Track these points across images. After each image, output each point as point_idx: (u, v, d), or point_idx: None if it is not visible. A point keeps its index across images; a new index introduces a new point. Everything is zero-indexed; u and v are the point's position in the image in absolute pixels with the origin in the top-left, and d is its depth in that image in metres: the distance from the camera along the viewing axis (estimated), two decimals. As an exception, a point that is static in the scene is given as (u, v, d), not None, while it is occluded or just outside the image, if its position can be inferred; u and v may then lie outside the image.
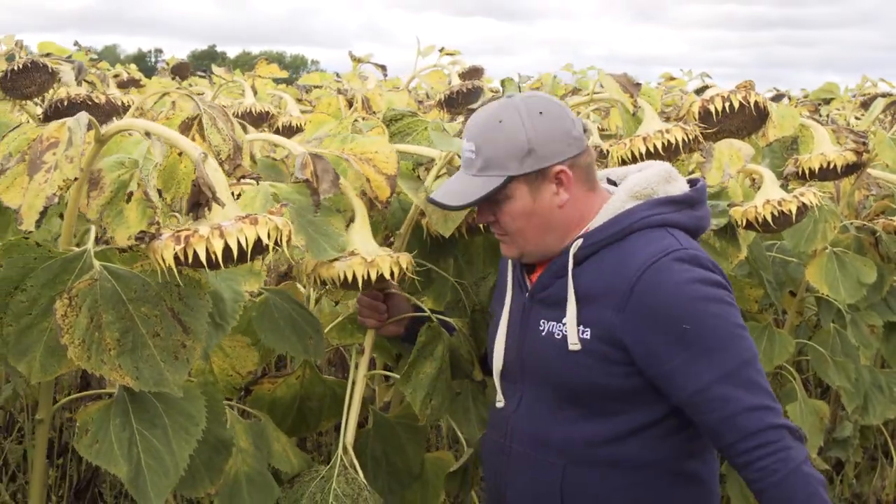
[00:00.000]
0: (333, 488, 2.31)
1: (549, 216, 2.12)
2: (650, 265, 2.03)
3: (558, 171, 2.09)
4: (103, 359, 1.84)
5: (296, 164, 2.16)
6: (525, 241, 2.15)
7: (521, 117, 2.08)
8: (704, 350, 2.00)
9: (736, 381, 2.00)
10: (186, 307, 1.91)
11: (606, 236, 2.10)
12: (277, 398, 2.58)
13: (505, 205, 2.11)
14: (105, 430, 1.92)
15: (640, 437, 2.09)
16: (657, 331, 2.01)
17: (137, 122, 1.89)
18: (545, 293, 2.16)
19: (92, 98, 3.17)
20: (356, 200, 2.26)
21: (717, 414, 2.00)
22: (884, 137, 3.13)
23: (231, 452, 2.14)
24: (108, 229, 1.86)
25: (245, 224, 1.75)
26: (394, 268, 2.20)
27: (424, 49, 4.04)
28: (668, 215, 2.12)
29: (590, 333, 2.06)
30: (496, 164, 2.09)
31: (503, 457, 2.22)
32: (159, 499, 1.91)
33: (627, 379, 2.06)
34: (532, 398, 2.18)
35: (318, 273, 2.21)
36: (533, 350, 2.17)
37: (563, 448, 2.12)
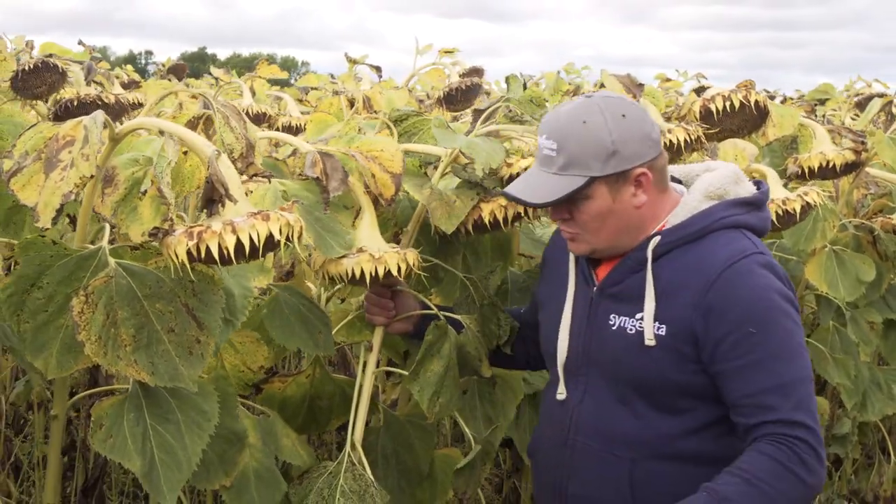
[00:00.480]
0: (340, 484, 2.33)
1: (627, 217, 2.15)
2: (731, 265, 2.08)
3: (639, 173, 2.12)
4: (119, 354, 1.87)
5: (305, 162, 2.18)
6: (598, 240, 2.17)
7: (604, 118, 2.10)
8: (765, 358, 2.04)
9: (785, 395, 2.03)
10: (201, 303, 1.94)
11: (685, 235, 2.14)
12: (288, 397, 2.60)
13: (583, 204, 2.13)
14: (119, 425, 1.95)
15: (706, 433, 2.13)
16: (726, 328, 2.05)
17: (151, 120, 1.93)
18: (617, 288, 2.19)
19: (102, 98, 3.19)
20: (364, 198, 2.28)
21: (757, 419, 2.03)
22: (883, 137, 3.16)
23: (245, 445, 2.18)
24: (123, 226, 1.90)
25: (257, 220, 1.77)
26: (401, 264, 2.21)
27: (423, 48, 4.07)
28: (741, 217, 2.17)
29: (665, 330, 2.09)
30: (579, 163, 2.10)
31: (565, 450, 2.24)
32: (172, 493, 1.94)
33: (695, 376, 2.10)
34: (598, 391, 2.20)
35: (327, 269, 2.23)
36: (601, 344, 2.19)
37: (632, 442, 2.15)
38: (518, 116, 2.48)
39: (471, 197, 2.38)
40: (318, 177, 2.16)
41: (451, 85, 3.88)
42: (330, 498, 2.32)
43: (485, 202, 2.37)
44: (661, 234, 2.15)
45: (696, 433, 2.13)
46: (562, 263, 2.32)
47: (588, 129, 2.10)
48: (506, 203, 2.36)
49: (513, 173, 2.34)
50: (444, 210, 2.34)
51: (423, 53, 4.07)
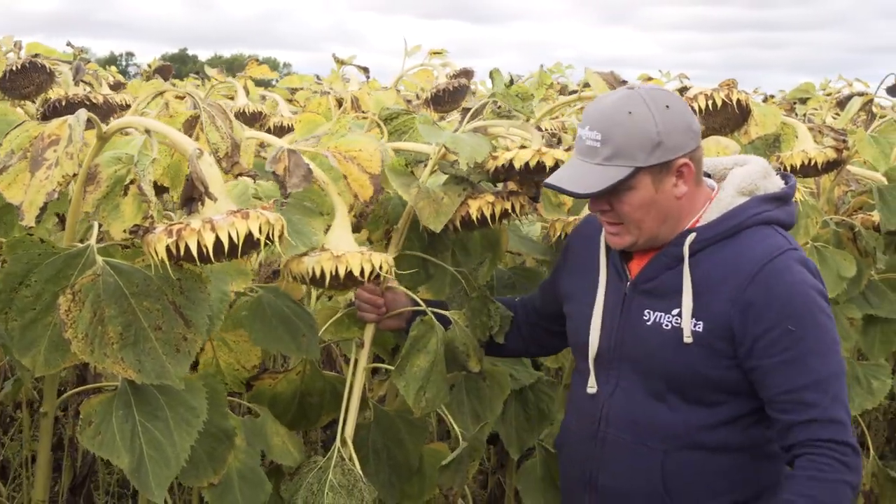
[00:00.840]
0: (330, 479, 2.34)
1: (668, 207, 2.17)
2: (769, 262, 2.11)
3: (682, 164, 2.15)
4: (106, 352, 1.88)
5: (269, 157, 2.12)
6: (640, 232, 2.19)
7: (649, 110, 2.12)
8: (804, 354, 2.09)
9: (825, 390, 2.08)
10: (188, 300, 1.95)
11: (721, 231, 2.17)
12: (278, 393, 2.61)
13: (626, 195, 2.14)
14: (108, 422, 1.96)
15: (737, 424, 2.18)
16: (766, 325, 2.09)
17: (138, 119, 1.95)
18: (651, 284, 2.21)
19: (90, 98, 3.21)
20: (337, 199, 2.26)
21: (796, 416, 2.08)
22: (864, 135, 3.19)
23: (234, 443, 2.19)
24: (105, 223, 1.91)
25: (236, 218, 1.78)
26: (364, 265, 2.17)
27: (411, 49, 4.09)
28: (773, 212, 2.21)
29: (702, 326, 2.13)
30: (624, 154, 2.11)
31: (595, 443, 2.27)
32: (160, 489, 1.95)
33: (729, 371, 2.14)
34: (630, 385, 2.23)
35: (290, 269, 2.22)
36: (636, 339, 2.22)
37: (665, 434, 2.19)
38: (504, 112, 2.50)
39: (458, 193, 2.38)
40: (276, 172, 2.09)
41: (439, 86, 3.90)
42: (319, 493, 2.34)
43: (472, 199, 2.38)
44: (697, 230, 2.18)
45: (725, 424, 2.17)
46: (588, 255, 2.35)
47: (633, 120, 2.12)
48: (493, 199, 2.37)
49: (498, 165, 2.35)
50: (432, 209, 2.34)
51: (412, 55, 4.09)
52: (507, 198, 2.39)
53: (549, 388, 2.94)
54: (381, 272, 2.21)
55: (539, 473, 2.97)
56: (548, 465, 2.98)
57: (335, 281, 2.17)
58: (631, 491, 2.23)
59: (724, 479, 2.19)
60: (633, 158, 2.11)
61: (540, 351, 2.64)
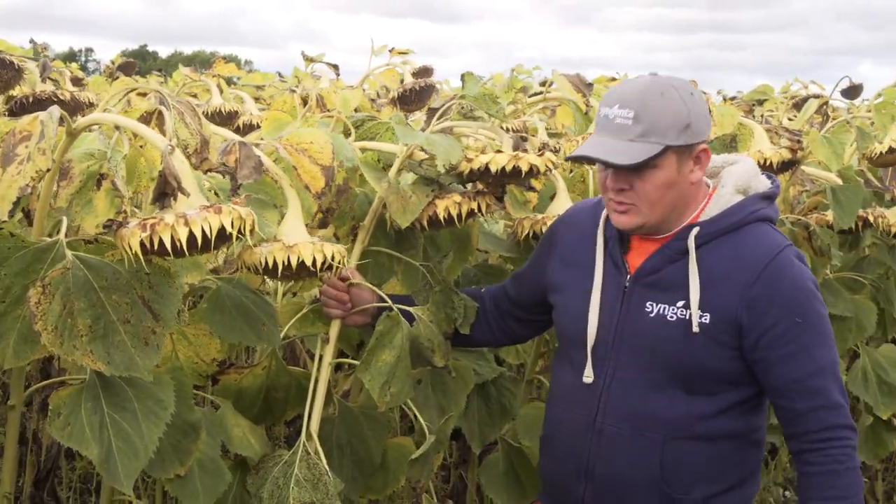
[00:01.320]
0: (295, 473, 2.37)
1: (683, 192, 2.24)
2: (773, 259, 2.21)
3: (702, 149, 2.24)
4: (75, 344, 1.90)
5: (220, 150, 2.11)
6: (653, 213, 2.24)
7: (678, 93, 2.20)
8: (809, 344, 2.20)
9: (827, 378, 2.20)
10: (156, 295, 1.98)
11: (724, 227, 2.25)
12: (244, 388, 2.63)
13: (651, 173, 2.20)
14: (77, 414, 1.98)
15: (733, 412, 2.26)
16: (773, 319, 2.19)
17: (107, 116, 1.97)
18: (654, 276, 2.27)
19: (57, 95, 3.22)
20: (289, 191, 2.26)
21: (805, 404, 2.20)
22: (817, 136, 3.27)
23: (199, 435, 2.21)
24: (77, 218, 1.93)
25: (209, 213, 1.81)
26: (316, 255, 2.18)
27: (378, 48, 4.12)
28: (766, 210, 2.30)
29: (708, 318, 2.20)
30: (657, 131, 2.17)
31: (591, 433, 2.31)
32: (129, 479, 1.98)
33: (731, 362, 2.22)
34: (628, 376, 2.29)
35: (243, 259, 2.23)
36: (637, 330, 2.27)
37: (664, 425, 2.25)
38: (471, 113, 2.54)
39: (426, 193, 2.42)
40: (227, 164, 2.09)
41: (406, 85, 3.93)
42: (284, 487, 2.36)
43: (440, 199, 2.42)
44: (700, 224, 2.25)
45: (723, 413, 2.26)
46: (582, 247, 2.39)
47: (666, 100, 2.19)
48: (460, 200, 2.41)
49: (473, 168, 2.39)
50: (400, 204, 2.38)
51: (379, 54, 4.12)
52: (473, 198, 2.44)
53: (511, 383, 2.98)
54: (334, 262, 2.22)
55: (501, 468, 3.01)
56: (510, 459, 3.02)
57: (287, 271, 2.18)
58: (629, 480, 2.28)
59: (717, 466, 2.28)
60: (664, 136, 2.18)
61: (507, 340, 2.68)
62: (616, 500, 2.31)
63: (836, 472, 2.20)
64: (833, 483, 2.20)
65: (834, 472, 2.20)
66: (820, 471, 2.21)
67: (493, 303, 2.60)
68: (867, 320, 3.71)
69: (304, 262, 2.17)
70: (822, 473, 2.20)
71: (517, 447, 3.04)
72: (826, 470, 2.20)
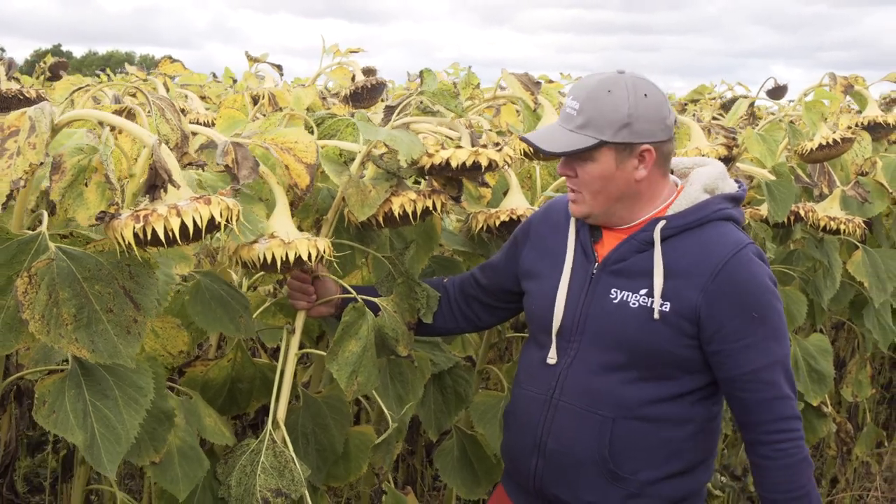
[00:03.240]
0: (262, 461, 2.45)
1: (625, 187, 2.36)
2: (734, 254, 2.32)
3: (644, 149, 2.34)
4: (61, 332, 1.95)
5: (217, 151, 2.22)
6: (595, 203, 2.38)
7: (627, 93, 2.31)
8: (766, 338, 2.32)
9: (780, 370, 2.34)
10: (137, 285, 2.04)
11: (689, 222, 2.37)
12: (209, 380, 2.70)
13: (588, 165, 2.34)
14: (61, 402, 2.04)
15: (684, 399, 2.38)
16: (734, 312, 2.30)
17: (91, 112, 2.02)
18: (620, 265, 2.39)
19: (24, 93, 3.24)
20: (277, 188, 2.36)
21: (758, 395, 2.33)
22: (752, 133, 3.43)
23: (174, 423, 2.27)
24: (70, 210, 1.98)
25: (200, 204, 1.90)
26: (311, 250, 2.29)
27: (330, 47, 4.17)
28: (732, 210, 2.43)
29: (669, 307, 2.31)
30: (594, 126, 2.31)
31: (548, 409, 2.44)
32: (112, 464, 2.04)
33: (688, 350, 2.34)
34: (588, 357, 2.40)
35: (239, 255, 2.31)
36: (601, 315, 2.39)
37: (616, 404, 2.36)
38: (430, 108, 2.63)
39: (385, 189, 2.49)
40: (228, 165, 2.20)
41: (358, 84, 4.00)
42: (251, 474, 2.44)
43: (395, 196, 2.48)
44: (667, 218, 2.37)
45: (675, 398, 2.37)
46: (555, 238, 2.52)
47: (611, 98, 2.31)
48: (415, 197, 2.48)
49: (434, 163, 2.46)
50: (359, 198, 2.45)
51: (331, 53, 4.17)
52: (429, 196, 2.51)
53: (466, 372, 3.07)
54: (325, 256, 2.32)
55: (456, 454, 3.11)
56: (463, 446, 3.12)
57: (285, 266, 2.27)
58: (577, 455, 2.39)
59: (664, 450, 2.39)
60: (600, 131, 2.31)
61: (470, 327, 2.78)
62: (564, 475, 2.42)
63: (789, 466, 2.34)
64: (789, 477, 2.34)
65: (787, 465, 2.34)
66: (774, 465, 2.35)
67: (458, 290, 2.71)
68: (798, 311, 3.88)
69: (301, 257, 2.26)
70: (777, 468, 2.35)
71: (470, 434, 3.14)
72: (780, 465, 2.34)
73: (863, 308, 4.45)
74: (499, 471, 3.09)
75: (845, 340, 5.51)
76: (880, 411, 5.98)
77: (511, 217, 2.79)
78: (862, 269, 4.16)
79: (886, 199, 4.33)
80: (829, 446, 4.79)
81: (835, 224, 3.72)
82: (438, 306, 2.68)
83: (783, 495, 2.35)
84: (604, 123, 2.31)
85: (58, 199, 1.96)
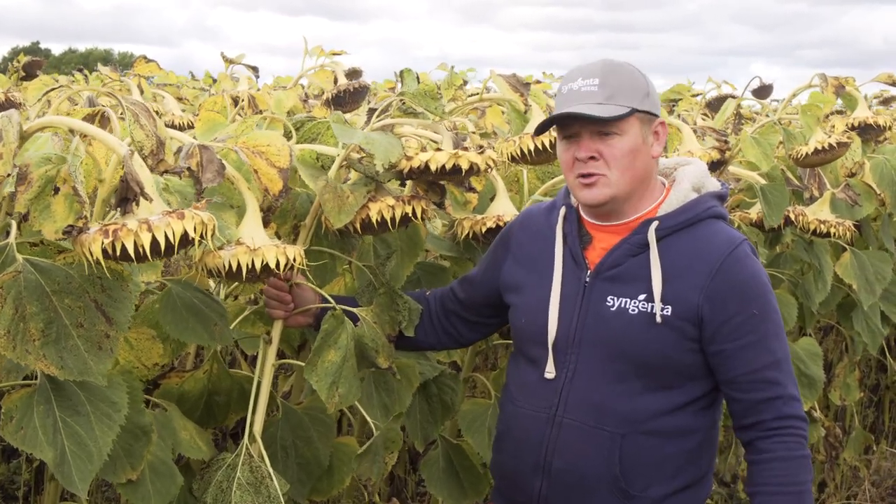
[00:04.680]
0: (237, 476, 2.35)
1: (647, 163, 2.32)
2: (731, 252, 2.27)
3: (660, 121, 2.33)
4: (28, 349, 1.88)
5: (181, 153, 2.12)
6: (622, 182, 2.29)
7: (634, 68, 2.31)
8: (765, 337, 2.26)
9: (781, 369, 2.27)
10: (110, 298, 1.96)
11: (681, 221, 2.31)
12: (185, 392, 2.60)
13: (615, 140, 2.27)
14: (29, 417, 1.96)
15: (690, 408, 2.31)
16: (732, 310, 2.24)
17: (61, 119, 1.95)
18: (615, 271, 2.31)
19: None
20: (247, 193, 2.26)
21: (760, 394, 2.26)
22: (747, 136, 3.38)
23: (151, 439, 2.19)
24: (36, 223, 1.91)
25: (172, 218, 1.81)
26: (280, 257, 2.18)
27: (313, 49, 4.10)
28: (719, 208, 2.38)
29: (670, 310, 2.25)
30: (623, 95, 2.26)
31: (551, 427, 2.34)
32: (84, 483, 1.96)
33: (691, 354, 2.27)
34: (589, 370, 2.31)
35: (205, 262, 2.21)
36: (599, 325, 2.31)
37: (624, 419, 2.28)
38: (412, 109, 2.55)
39: (363, 193, 2.40)
40: (191, 168, 2.10)
41: (340, 86, 3.92)
42: (227, 490, 2.34)
43: (373, 202, 2.39)
44: (660, 219, 2.31)
45: (681, 408, 2.30)
46: (538, 247, 2.44)
47: (626, 70, 2.31)
48: (393, 203, 2.39)
49: (413, 167, 2.38)
50: (336, 204, 2.35)
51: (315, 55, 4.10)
52: (408, 202, 2.42)
53: (452, 380, 3.00)
54: (295, 264, 2.22)
55: (442, 464, 3.02)
56: (449, 456, 3.05)
57: (251, 274, 2.17)
58: (586, 474, 2.30)
59: (673, 464, 2.31)
60: (630, 99, 2.27)
61: (452, 343, 2.69)
62: (573, 494, 2.33)
63: (786, 459, 2.25)
64: (784, 469, 2.26)
65: (784, 458, 2.25)
66: (770, 457, 2.26)
67: (438, 305, 2.62)
68: (788, 314, 3.81)
69: (269, 264, 2.17)
70: (772, 460, 2.26)
71: (456, 444, 3.07)
72: (776, 456, 2.25)
73: (851, 311, 4.41)
74: (485, 482, 3.02)
75: (833, 343, 5.46)
76: (867, 414, 5.94)
77: (498, 223, 2.71)
78: (850, 271, 4.12)
79: (875, 200, 4.29)
80: (818, 451, 4.74)
81: (825, 227, 3.68)
82: (420, 320, 2.59)
83: (775, 487, 2.26)
84: (630, 92, 2.28)
85: (23, 210, 1.87)
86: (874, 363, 5.85)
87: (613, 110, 2.25)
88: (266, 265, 2.17)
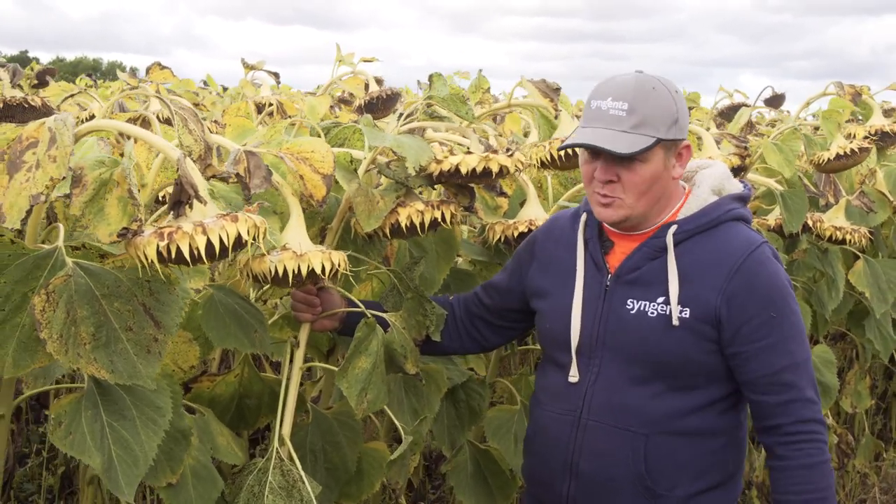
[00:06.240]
0: (269, 481, 2.36)
1: (666, 186, 2.32)
2: (750, 253, 2.28)
3: (685, 145, 2.31)
4: (79, 352, 1.88)
5: (229, 159, 2.13)
6: (637, 205, 2.30)
7: (666, 89, 2.28)
8: (784, 339, 2.26)
9: (801, 372, 2.27)
10: (157, 302, 1.97)
11: (701, 224, 2.32)
12: (217, 395, 2.62)
13: (639, 167, 2.26)
14: (77, 422, 1.97)
15: (713, 409, 2.32)
16: (750, 312, 2.25)
17: (111, 122, 1.95)
18: (634, 275, 2.33)
19: (28, 101, 3.15)
20: (291, 199, 2.29)
21: (779, 397, 2.26)
22: (768, 143, 3.40)
23: (190, 442, 2.20)
24: (90, 226, 1.91)
25: (226, 221, 1.82)
26: (325, 263, 2.21)
27: (346, 56, 4.09)
28: (741, 210, 2.38)
29: (688, 312, 2.26)
30: (650, 124, 2.24)
31: (575, 429, 2.36)
32: (130, 488, 1.97)
33: (711, 356, 2.28)
34: (612, 372, 2.34)
35: (251, 268, 2.23)
36: (620, 328, 2.33)
37: (647, 419, 2.30)
38: (438, 114, 2.55)
39: (393, 199, 2.41)
40: (239, 174, 2.11)
41: (372, 93, 3.93)
42: (259, 495, 2.34)
43: (402, 206, 2.40)
44: (678, 222, 2.32)
45: (703, 409, 2.31)
46: (561, 253, 2.46)
47: (657, 95, 2.27)
48: (423, 208, 2.40)
49: (443, 170, 2.39)
50: (367, 207, 2.36)
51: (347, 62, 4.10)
52: (437, 206, 2.43)
53: (479, 385, 3.02)
54: (340, 269, 2.24)
55: (470, 469, 3.04)
56: (477, 461, 3.06)
57: (297, 279, 2.20)
58: (612, 475, 2.33)
59: (701, 463, 2.33)
60: (656, 129, 2.25)
61: (476, 347, 2.71)
62: (600, 495, 2.36)
63: (807, 466, 2.27)
64: (806, 477, 2.27)
65: (806, 465, 2.27)
66: (791, 465, 2.28)
67: (462, 309, 2.64)
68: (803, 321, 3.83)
69: (314, 269, 2.19)
70: (794, 468, 2.28)
71: (483, 449, 3.08)
72: (798, 464, 2.27)
73: (863, 318, 4.44)
74: (513, 486, 3.03)
75: (842, 351, 5.49)
76: (876, 421, 5.96)
77: (530, 227, 2.72)
78: (863, 279, 4.14)
79: (888, 208, 4.32)
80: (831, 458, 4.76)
81: (840, 234, 3.70)
82: (445, 324, 2.60)
83: (796, 497, 2.28)
84: (658, 122, 2.26)
85: (78, 213, 1.88)
86: (881, 371, 5.87)
87: (637, 142, 2.24)
88: (312, 270, 2.19)
